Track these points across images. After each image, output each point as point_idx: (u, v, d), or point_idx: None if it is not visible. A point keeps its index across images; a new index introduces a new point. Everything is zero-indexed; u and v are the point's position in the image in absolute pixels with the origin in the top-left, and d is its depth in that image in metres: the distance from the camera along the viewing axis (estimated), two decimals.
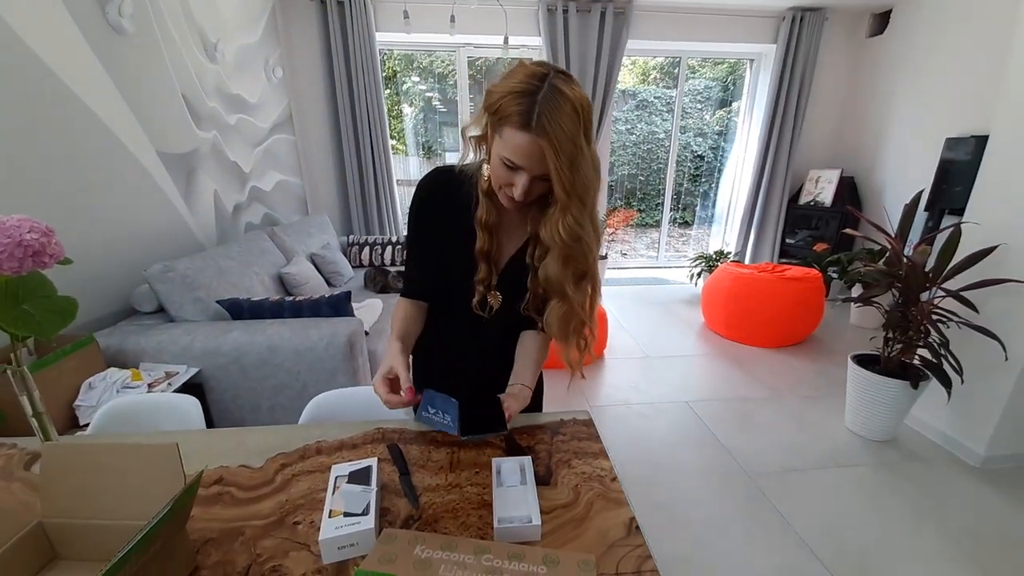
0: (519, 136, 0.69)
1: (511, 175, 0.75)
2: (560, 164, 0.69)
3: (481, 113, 0.77)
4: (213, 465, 0.84)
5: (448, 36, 3.46)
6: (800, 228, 4.42)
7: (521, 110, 0.68)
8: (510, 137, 0.70)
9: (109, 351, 1.67)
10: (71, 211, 1.69)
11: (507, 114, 0.69)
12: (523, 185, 0.74)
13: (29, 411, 0.82)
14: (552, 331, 0.87)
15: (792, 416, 2.39)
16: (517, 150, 0.71)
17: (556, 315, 0.84)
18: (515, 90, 0.69)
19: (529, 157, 0.71)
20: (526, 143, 0.69)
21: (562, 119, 0.68)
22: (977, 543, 1.60)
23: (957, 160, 3.15)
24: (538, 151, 0.69)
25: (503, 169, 0.75)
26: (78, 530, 0.64)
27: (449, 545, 0.58)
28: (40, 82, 1.56)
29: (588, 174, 0.73)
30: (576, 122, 0.69)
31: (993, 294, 1.86)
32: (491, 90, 0.73)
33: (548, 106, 0.68)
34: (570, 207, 0.74)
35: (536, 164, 0.71)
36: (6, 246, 0.71)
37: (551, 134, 0.68)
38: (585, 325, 0.87)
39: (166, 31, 2.19)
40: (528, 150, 0.70)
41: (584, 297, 0.84)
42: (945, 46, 3.37)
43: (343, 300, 1.98)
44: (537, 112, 0.67)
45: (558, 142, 0.68)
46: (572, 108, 0.69)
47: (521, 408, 0.86)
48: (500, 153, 0.73)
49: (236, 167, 2.81)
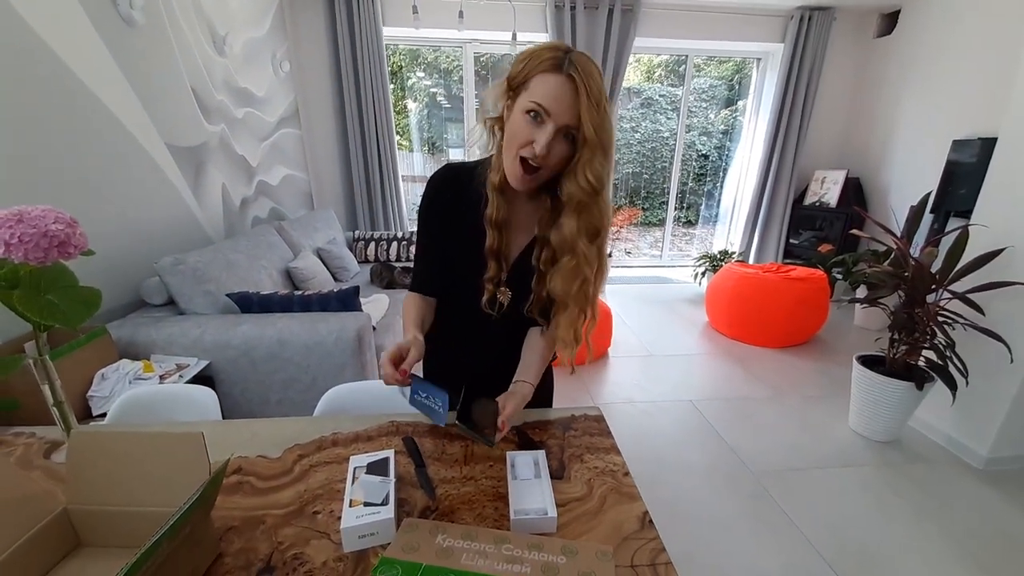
0: (552, 78, 0.71)
1: (533, 131, 0.74)
2: (590, 104, 0.71)
3: (501, 86, 0.77)
4: (231, 455, 0.85)
5: (456, 31, 3.45)
6: (805, 229, 4.42)
7: (553, 56, 0.72)
8: (540, 82, 0.72)
9: (121, 342, 1.68)
10: (82, 203, 1.70)
11: (537, 63, 0.72)
12: (547, 137, 0.72)
13: (50, 400, 0.84)
14: (556, 295, 0.84)
15: (796, 416, 2.40)
16: (548, 92, 0.72)
17: (562, 273, 0.82)
18: (545, 47, 0.73)
19: (560, 99, 0.71)
20: (559, 83, 0.71)
21: (591, 69, 0.72)
22: (980, 544, 1.61)
23: (963, 162, 3.14)
24: (571, 91, 0.71)
25: (526, 124, 0.74)
26: (103, 517, 0.65)
27: (469, 535, 0.59)
28: (52, 73, 1.57)
29: (611, 129, 0.76)
30: (602, 79, 0.73)
31: (999, 296, 1.87)
32: (518, 58, 0.76)
33: (578, 57, 0.72)
34: (596, 151, 0.75)
35: (566, 108, 0.72)
36: (32, 236, 0.71)
37: (583, 74, 0.70)
38: (587, 298, 0.84)
39: (176, 23, 2.19)
40: (559, 91, 0.71)
41: (593, 257, 0.82)
42: (953, 47, 3.36)
43: (351, 295, 1.99)
44: (568, 59, 0.71)
45: (588, 84, 0.71)
46: (597, 70, 0.73)
47: (519, 408, 0.86)
48: (528, 101, 0.73)
49: (244, 161, 2.82)
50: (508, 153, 0.78)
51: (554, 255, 0.84)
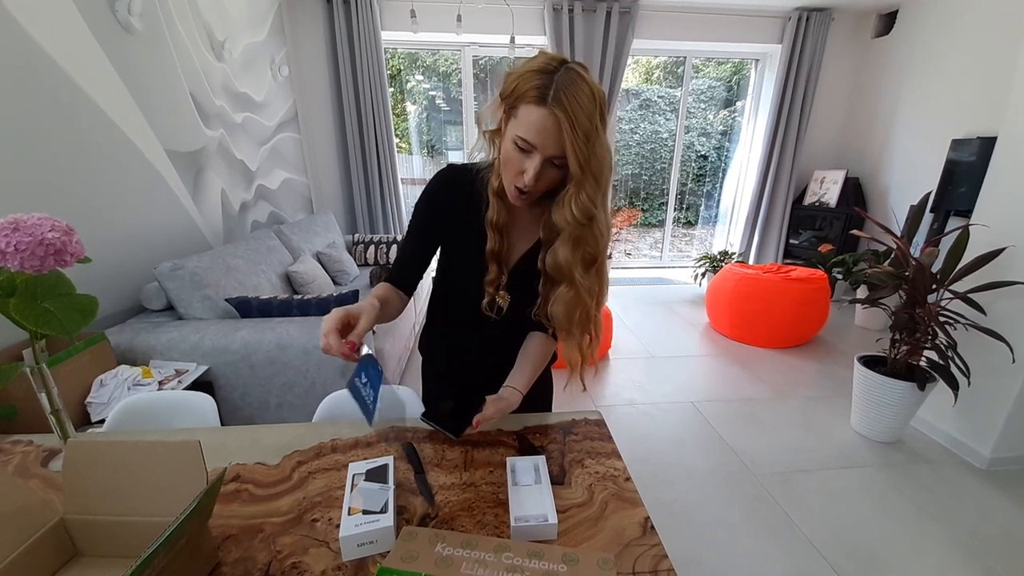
0: (535, 111, 0.69)
1: (523, 160, 0.73)
2: (576, 138, 0.69)
3: (497, 102, 0.76)
4: (229, 462, 0.85)
5: (454, 35, 3.46)
6: (805, 229, 4.42)
7: (538, 85, 0.68)
8: (526, 114, 0.70)
9: (119, 348, 1.68)
10: (81, 209, 1.69)
11: (524, 91, 0.70)
12: (535, 169, 0.72)
13: (48, 408, 0.83)
14: (557, 321, 0.85)
15: (798, 417, 2.39)
16: (532, 126, 0.70)
17: (562, 302, 0.82)
18: (533, 69, 0.70)
19: (544, 133, 0.70)
20: (542, 117, 0.69)
21: (579, 96, 0.68)
22: (983, 545, 1.60)
23: (962, 161, 3.14)
24: (554, 126, 0.69)
25: (516, 154, 0.74)
26: (100, 527, 0.65)
27: (469, 543, 0.59)
28: (50, 80, 1.57)
29: (603, 155, 0.73)
30: (593, 103, 0.69)
31: (1001, 296, 1.86)
32: (509, 74, 0.73)
33: (565, 84, 0.68)
34: (584, 184, 0.73)
35: (551, 142, 0.70)
36: (28, 245, 0.71)
37: (568, 107, 0.67)
38: (591, 320, 0.85)
39: (174, 29, 2.19)
40: (543, 125, 0.69)
41: (592, 285, 0.82)
42: (951, 47, 3.37)
43: (350, 299, 1.98)
44: (555, 88, 0.68)
45: (574, 116, 0.68)
46: (589, 90, 0.69)
47: (501, 414, 0.84)
48: (515, 134, 0.72)
49: (243, 165, 2.82)
50: (503, 175, 0.79)
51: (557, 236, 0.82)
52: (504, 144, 0.76)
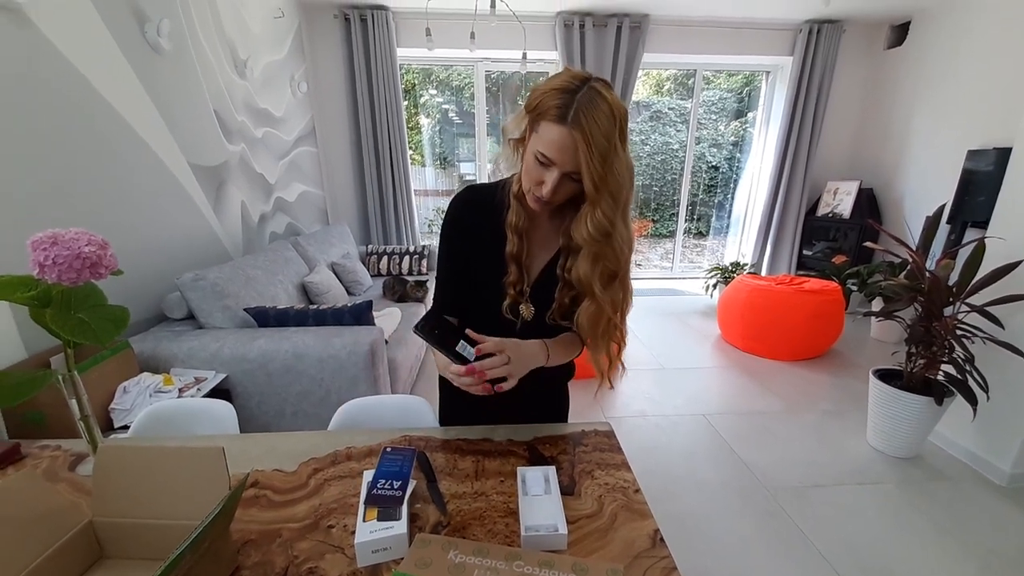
0: (555, 129, 0.72)
1: (543, 172, 0.77)
2: (591, 157, 0.71)
3: (521, 114, 0.79)
4: (248, 468, 0.87)
5: (468, 52, 3.53)
6: (818, 240, 4.38)
7: (559, 104, 0.71)
8: (546, 131, 0.73)
9: (142, 356, 1.73)
10: (110, 220, 1.77)
11: (545, 108, 0.72)
12: (553, 182, 0.76)
13: (77, 414, 0.87)
14: (583, 332, 0.88)
15: (812, 431, 2.35)
16: (552, 143, 0.73)
17: (586, 315, 0.85)
18: (556, 87, 0.72)
19: (562, 151, 0.73)
20: (561, 136, 0.72)
21: (598, 116, 0.70)
22: (1004, 563, 1.56)
23: (979, 171, 3.10)
24: (572, 144, 0.71)
25: (536, 166, 0.77)
26: (127, 529, 0.67)
27: (481, 551, 0.60)
28: (82, 98, 1.65)
29: (621, 173, 0.75)
30: (612, 122, 0.71)
31: (1019, 309, 1.83)
32: (534, 89, 0.76)
33: (586, 103, 0.70)
34: (599, 202, 0.76)
35: (568, 159, 0.73)
36: (65, 258, 0.75)
37: (586, 127, 0.70)
38: (616, 329, 0.88)
39: (200, 49, 2.29)
40: (562, 143, 0.72)
41: (615, 298, 0.85)
42: (965, 57, 3.34)
43: (365, 309, 2.02)
44: (575, 107, 0.70)
45: (591, 136, 0.70)
46: (609, 109, 0.71)
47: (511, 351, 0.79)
48: (536, 148, 0.75)
49: (262, 178, 2.90)
50: (523, 182, 0.82)
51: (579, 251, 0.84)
52: (527, 154, 0.79)
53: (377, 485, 0.74)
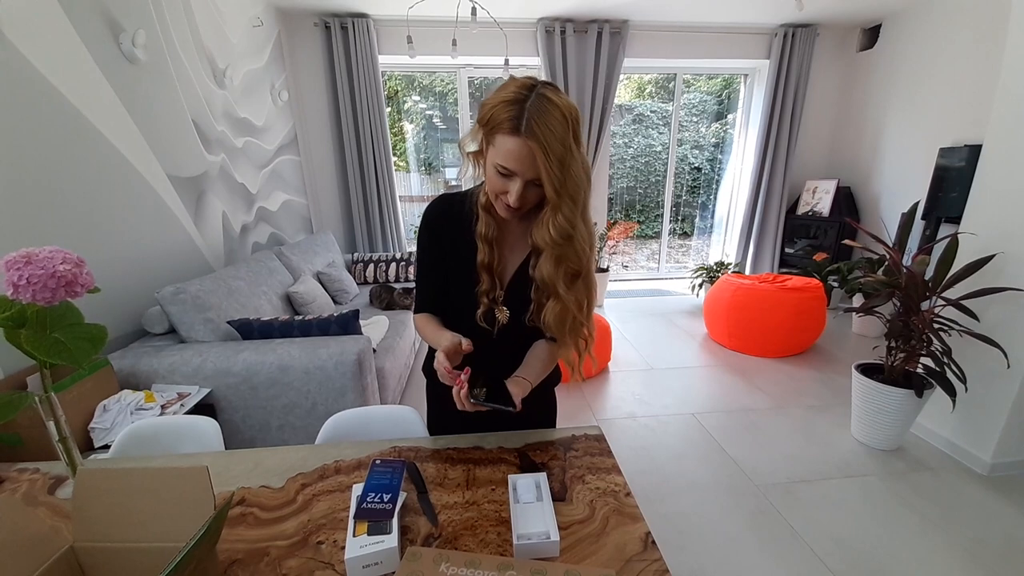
0: (510, 141, 0.74)
1: (505, 182, 0.78)
2: (550, 164, 0.73)
3: (476, 128, 0.81)
4: (234, 486, 0.86)
5: (450, 59, 3.54)
6: (799, 238, 4.47)
7: (511, 116, 0.73)
8: (502, 143, 0.75)
9: (122, 373, 1.69)
10: (86, 235, 1.72)
11: (498, 122, 0.74)
12: (517, 191, 0.78)
13: (55, 436, 0.84)
14: (551, 331, 0.90)
15: (798, 426, 2.39)
16: (509, 155, 0.75)
17: (552, 314, 0.87)
18: (505, 99, 0.74)
19: (521, 160, 0.75)
20: (517, 147, 0.74)
21: (550, 122, 0.72)
22: (988, 551, 1.60)
23: (951, 168, 3.20)
24: (529, 154, 0.74)
25: (498, 177, 0.79)
26: (109, 554, 0.65)
27: (473, 562, 0.60)
28: (55, 111, 1.61)
29: (578, 174, 0.77)
30: (564, 125, 0.73)
31: (993, 302, 1.89)
32: (484, 103, 0.78)
33: (536, 111, 0.72)
34: (561, 206, 0.78)
35: (528, 167, 0.75)
36: (40, 277, 0.73)
37: (540, 136, 0.72)
38: (582, 326, 0.90)
39: (177, 59, 2.25)
40: (519, 153, 0.74)
41: (579, 296, 0.87)
42: (934, 58, 3.45)
43: (351, 318, 2.00)
44: (526, 117, 0.72)
45: (547, 143, 0.72)
46: (560, 113, 0.73)
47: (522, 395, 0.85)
48: (494, 161, 0.77)
49: (243, 188, 2.86)
50: (489, 194, 0.84)
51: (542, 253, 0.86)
52: (487, 167, 0.81)
53: (367, 499, 0.73)
